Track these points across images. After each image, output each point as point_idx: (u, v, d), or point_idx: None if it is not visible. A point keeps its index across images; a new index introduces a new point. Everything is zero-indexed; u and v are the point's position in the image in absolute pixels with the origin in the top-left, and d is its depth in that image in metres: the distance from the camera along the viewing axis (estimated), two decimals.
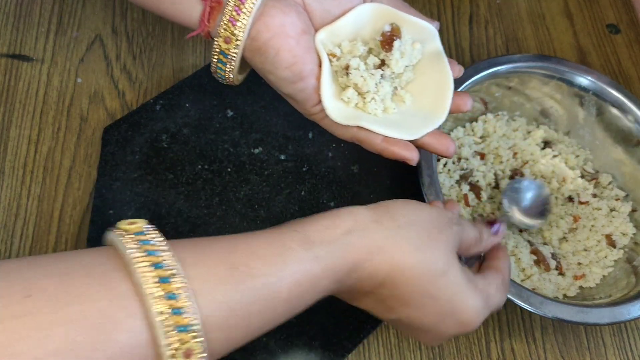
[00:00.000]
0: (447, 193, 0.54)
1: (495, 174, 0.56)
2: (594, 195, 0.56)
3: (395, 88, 0.45)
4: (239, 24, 0.40)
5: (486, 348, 0.50)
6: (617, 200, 0.55)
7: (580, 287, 0.52)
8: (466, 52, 0.64)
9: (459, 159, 0.56)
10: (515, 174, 0.57)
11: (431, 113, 0.44)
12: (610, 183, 0.57)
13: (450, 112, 0.45)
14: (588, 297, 0.51)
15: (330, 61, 0.44)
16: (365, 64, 0.44)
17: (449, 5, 0.66)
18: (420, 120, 0.44)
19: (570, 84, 0.56)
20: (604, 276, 0.52)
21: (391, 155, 0.43)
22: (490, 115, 0.58)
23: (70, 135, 0.55)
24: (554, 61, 0.56)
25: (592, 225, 0.55)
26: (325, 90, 0.43)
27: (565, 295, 0.51)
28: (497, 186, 0.56)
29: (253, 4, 0.40)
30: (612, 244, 0.54)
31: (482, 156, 0.57)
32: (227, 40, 0.41)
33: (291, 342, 0.47)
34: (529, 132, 0.59)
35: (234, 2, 0.40)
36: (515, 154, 0.57)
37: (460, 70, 0.46)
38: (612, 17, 0.68)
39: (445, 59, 0.45)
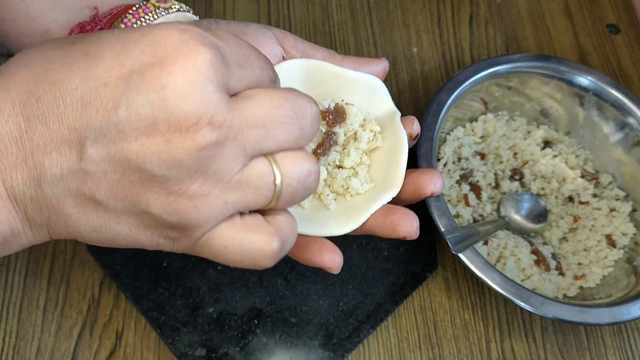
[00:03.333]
0: (447, 193, 0.54)
1: (495, 174, 0.56)
2: (594, 195, 0.56)
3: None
4: None
5: (486, 348, 0.50)
6: (617, 200, 0.55)
7: (581, 287, 0.52)
8: (466, 52, 0.64)
9: (459, 159, 0.56)
10: (515, 174, 0.57)
11: (379, 190, 0.35)
12: (610, 183, 0.57)
13: (407, 199, 0.34)
14: (588, 297, 0.51)
15: None
16: None
17: (449, 5, 0.66)
18: (361, 204, 0.34)
19: (571, 84, 0.56)
20: (604, 276, 0.52)
21: (306, 263, 0.33)
22: (490, 115, 0.58)
23: None
24: (554, 61, 0.56)
25: (592, 225, 0.55)
26: None
27: (565, 295, 0.51)
28: (497, 186, 0.56)
29: None
30: (612, 244, 0.54)
31: (482, 156, 0.57)
32: None
33: (291, 342, 0.47)
34: (529, 132, 0.59)
35: None
36: (515, 154, 0.57)
37: (413, 126, 0.36)
38: (612, 17, 0.68)
39: (398, 118, 0.37)
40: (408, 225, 0.32)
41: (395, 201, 0.35)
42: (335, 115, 0.36)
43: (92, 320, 0.48)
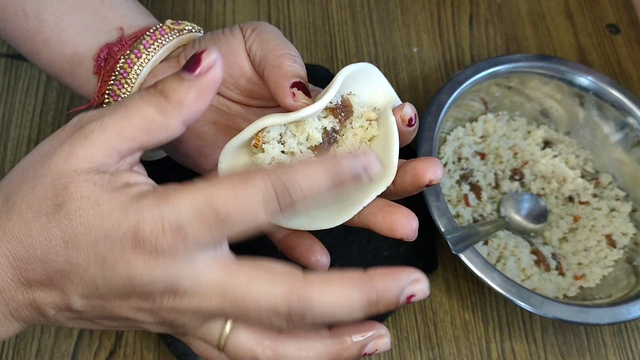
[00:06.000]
0: (447, 193, 0.54)
1: (495, 174, 0.56)
2: (594, 195, 0.56)
3: None
4: (120, 99, 0.37)
5: (486, 348, 0.50)
6: (617, 200, 0.55)
7: (581, 287, 0.52)
8: (466, 52, 0.64)
9: (459, 159, 0.56)
10: (515, 174, 0.57)
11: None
12: (610, 183, 0.57)
13: (406, 188, 0.33)
14: (588, 297, 0.51)
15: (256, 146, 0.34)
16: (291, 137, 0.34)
17: (449, 5, 0.66)
18: (353, 194, 0.32)
19: (571, 84, 0.56)
20: (604, 276, 0.52)
21: (295, 261, 0.34)
22: (490, 115, 0.58)
23: None
24: (554, 61, 0.56)
25: (592, 225, 0.55)
26: (223, 164, 0.34)
27: (565, 296, 0.51)
28: (497, 186, 0.56)
29: (137, 75, 0.37)
30: (612, 244, 0.54)
31: (482, 156, 0.57)
32: None
33: None
34: (529, 132, 0.59)
35: (117, 74, 0.37)
36: (515, 154, 0.57)
37: (402, 110, 0.34)
38: (612, 17, 0.68)
39: (390, 105, 0.35)
40: (407, 227, 0.31)
41: (393, 191, 0.33)
42: (345, 111, 0.35)
43: None
